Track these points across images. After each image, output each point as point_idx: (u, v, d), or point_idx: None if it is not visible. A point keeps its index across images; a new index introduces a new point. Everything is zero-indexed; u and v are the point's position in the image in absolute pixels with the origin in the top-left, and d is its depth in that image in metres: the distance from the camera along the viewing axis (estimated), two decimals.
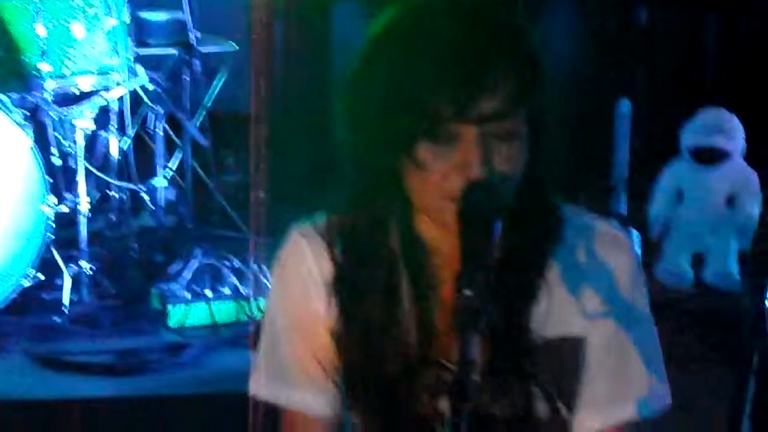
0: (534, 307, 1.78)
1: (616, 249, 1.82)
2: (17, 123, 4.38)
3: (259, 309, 4.27)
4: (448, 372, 1.76)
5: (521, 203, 1.74)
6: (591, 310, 1.80)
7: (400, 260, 1.79)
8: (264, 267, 4.57)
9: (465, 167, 1.65)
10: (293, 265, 1.88)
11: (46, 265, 4.51)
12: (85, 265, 4.58)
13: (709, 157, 4.86)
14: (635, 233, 4.68)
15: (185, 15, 5.28)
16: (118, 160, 5.01)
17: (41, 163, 4.42)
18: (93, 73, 4.75)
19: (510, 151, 1.68)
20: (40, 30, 4.54)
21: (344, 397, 1.87)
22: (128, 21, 4.82)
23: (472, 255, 1.59)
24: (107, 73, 4.82)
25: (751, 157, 4.98)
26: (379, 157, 1.72)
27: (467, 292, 1.54)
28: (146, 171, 5.17)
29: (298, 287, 1.87)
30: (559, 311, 1.79)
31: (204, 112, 5.43)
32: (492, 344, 1.71)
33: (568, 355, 1.81)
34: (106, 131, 4.97)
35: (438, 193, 1.67)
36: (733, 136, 4.86)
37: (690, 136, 4.90)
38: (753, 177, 4.93)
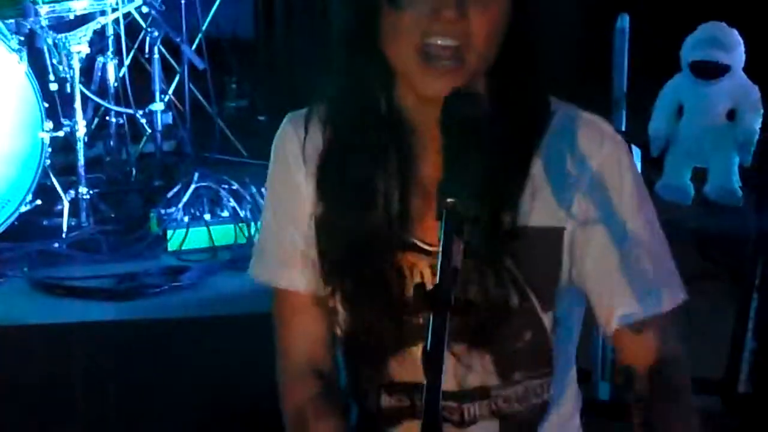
0: (517, 198, 1.76)
1: (603, 140, 1.79)
2: (13, 49, 4.36)
3: (257, 232, 4.26)
4: (425, 255, 1.78)
5: (506, 89, 1.74)
6: (576, 201, 1.78)
7: (383, 139, 1.78)
8: (263, 190, 4.57)
9: (438, 9, 1.63)
10: (281, 149, 1.90)
11: (44, 191, 4.53)
12: (83, 190, 4.58)
13: (710, 71, 4.83)
14: (636, 149, 4.65)
15: None
16: (116, 85, 4.99)
17: (38, 89, 4.41)
18: None
19: (487, 6, 1.66)
20: None
21: (325, 280, 1.87)
22: None
23: (455, 162, 1.56)
24: None
25: (751, 71, 4.93)
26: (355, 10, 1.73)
27: (450, 200, 1.51)
28: (144, 96, 5.15)
29: (284, 169, 1.89)
30: (543, 202, 1.78)
31: (201, 36, 5.40)
32: (470, 231, 1.71)
33: (549, 246, 1.79)
34: (102, 56, 4.96)
35: (414, 45, 1.66)
36: (734, 50, 4.82)
37: (690, 50, 4.86)
38: (754, 91, 4.89)
